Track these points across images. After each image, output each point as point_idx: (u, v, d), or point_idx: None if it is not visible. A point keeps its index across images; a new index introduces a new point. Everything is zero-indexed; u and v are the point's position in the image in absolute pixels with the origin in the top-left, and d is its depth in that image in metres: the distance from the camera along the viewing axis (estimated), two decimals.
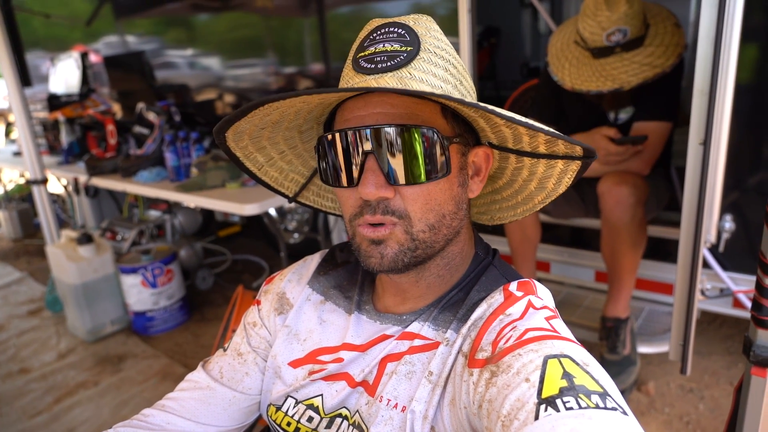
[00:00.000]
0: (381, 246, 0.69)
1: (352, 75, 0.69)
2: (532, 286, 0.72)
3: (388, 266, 0.70)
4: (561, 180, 0.77)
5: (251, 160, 0.83)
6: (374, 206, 0.68)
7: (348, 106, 0.70)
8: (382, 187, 0.66)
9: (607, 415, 0.50)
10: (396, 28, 0.69)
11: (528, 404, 0.53)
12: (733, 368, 2.30)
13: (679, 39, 1.91)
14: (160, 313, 3.04)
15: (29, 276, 4.10)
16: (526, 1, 4.32)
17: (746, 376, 1.04)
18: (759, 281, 0.99)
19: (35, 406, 2.48)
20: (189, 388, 0.88)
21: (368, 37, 0.70)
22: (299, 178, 0.89)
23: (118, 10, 4.41)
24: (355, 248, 0.73)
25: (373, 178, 0.66)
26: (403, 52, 0.67)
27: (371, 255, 0.70)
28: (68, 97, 4.19)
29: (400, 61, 0.67)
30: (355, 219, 0.70)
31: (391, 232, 0.69)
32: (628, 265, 2.03)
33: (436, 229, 0.71)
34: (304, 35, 3.35)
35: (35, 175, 3.13)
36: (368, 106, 0.68)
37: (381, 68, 0.67)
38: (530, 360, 0.57)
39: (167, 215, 3.67)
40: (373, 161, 0.67)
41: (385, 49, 0.67)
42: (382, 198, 0.67)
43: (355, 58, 0.69)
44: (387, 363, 0.74)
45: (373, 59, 0.67)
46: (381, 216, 0.68)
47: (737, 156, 1.82)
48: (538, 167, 0.76)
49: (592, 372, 0.56)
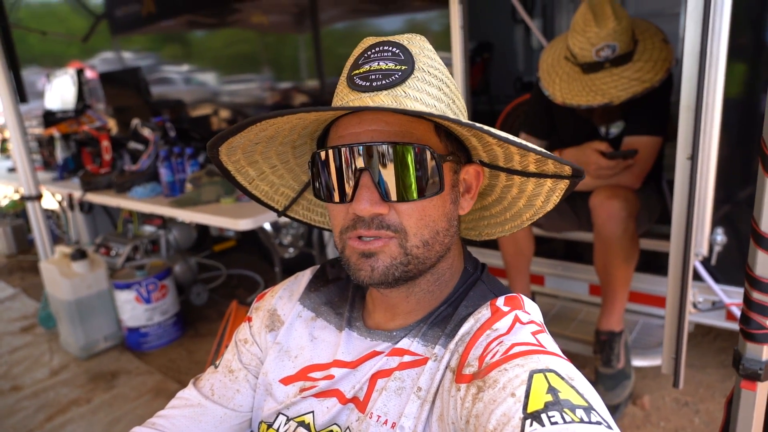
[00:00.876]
0: (372, 259, 0.69)
1: (347, 92, 0.70)
2: (519, 300, 0.73)
3: (378, 279, 0.70)
4: (549, 198, 0.78)
5: (242, 174, 0.83)
6: (368, 221, 0.68)
7: (342, 123, 0.70)
8: (376, 203, 0.67)
9: (592, 429, 0.50)
10: (390, 47, 0.70)
11: (514, 419, 0.53)
12: (727, 381, 2.30)
13: (668, 54, 1.94)
14: (154, 329, 3.02)
15: (22, 292, 4.08)
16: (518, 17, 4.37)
17: (736, 390, 1.04)
18: (747, 295, 1.00)
19: (26, 424, 2.45)
20: (180, 406, 0.87)
21: (363, 55, 0.70)
22: (289, 192, 0.90)
23: (115, 26, 4.44)
24: (345, 261, 0.73)
25: (368, 194, 0.67)
26: (397, 70, 0.68)
27: (361, 268, 0.70)
28: (64, 113, 4.20)
29: (395, 80, 0.67)
30: (347, 232, 0.70)
31: (385, 245, 0.69)
32: (621, 278, 2.04)
33: (430, 245, 0.71)
34: (299, 51, 3.38)
35: (30, 191, 3.13)
36: (363, 123, 0.68)
37: (376, 86, 0.67)
38: (516, 375, 0.58)
39: (162, 230, 3.67)
40: (368, 178, 0.67)
41: (379, 68, 0.68)
42: (376, 214, 0.68)
43: (350, 76, 0.70)
44: (377, 379, 0.74)
45: (368, 77, 0.68)
46: (375, 230, 0.68)
47: (728, 170, 1.84)
48: (527, 185, 0.78)
49: (577, 386, 0.56)
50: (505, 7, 4.36)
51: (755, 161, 1.89)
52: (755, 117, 1.84)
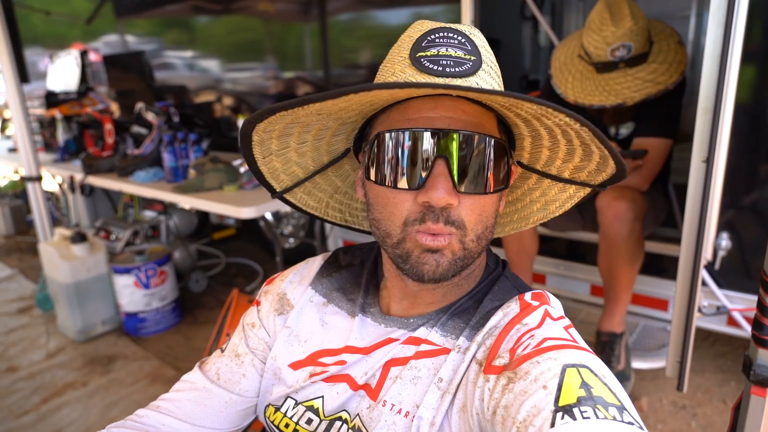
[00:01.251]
0: (437, 254, 0.67)
1: (414, 73, 0.66)
2: (545, 296, 0.72)
3: (441, 275, 0.68)
4: (564, 204, 0.78)
5: (263, 147, 0.76)
6: (438, 213, 0.65)
7: (413, 105, 0.66)
8: (451, 193, 0.64)
9: (624, 428, 0.49)
10: (456, 35, 0.67)
11: (544, 411, 0.52)
12: (725, 386, 2.31)
13: (683, 57, 1.93)
14: (152, 314, 3.01)
15: (20, 273, 4.06)
16: (527, 14, 4.34)
17: (745, 395, 1.04)
18: (761, 300, 0.99)
19: (22, 405, 2.44)
20: (185, 389, 0.86)
21: (425, 38, 0.67)
22: (299, 172, 0.83)
23: (119, 9, 4.40)
24: (402, 253, 0.69)
25: (445, 183, 0.64)
26: (468, 60, 0.65)
27: (426, 262, 0.67)
28: (66, 94, 4.17)
29: (468, 69, 0.65)
30: (414, 224, 0.66)
31: (450, 242, 0.67)
32: (624, 279, 2.04)
33: (481, 240, 0.69)
34: (304, 40, 3.35)
35: (30, 172, 3.10)
36: (438, 108, 0.65)
37: (449, 72, 0.64)
38: (548, 368, 0.57)
39: (162, 216, 3.65)
40: (444, 166, 0.64)
41: (449, 54, 0.65)
42: (449, 204, 0.65)
43: (416, 57, 0.66)
44: (391, 367, 0.73)
45: (438, 61, 0.65)
46: (443, 225, 0.65)
47: (734, 175, 1.84)
48: (551, 190, 0.77)
49: (609, 384, 0.55)
50: (514, 4, 4.34)
51: (762, 168, 1.89)
52: (763, 123, 1.83)
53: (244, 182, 2.54)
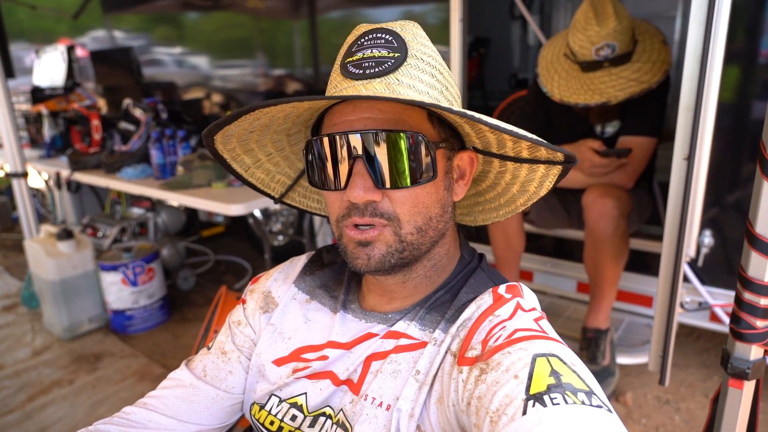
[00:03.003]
0: (368, 248, 0.70)
1: (341, 80, 0.70)
2: (519, 289, 0.74)
3: (375, 267, 0.71)
4: (542, 183, 0.79)
5: (238, 162, 0.83)
6: (362, 209, 0.69)
7: (337, 111, 0.71)
8: (369, 190, 0.68)
9: (593, 411, 0.52)
10: (383, 34, 0.70)
11: (516, 400, 0.54)
12: (708, 381, 2.34)
13: (666, 56, 1.96)
14: (140, 312, 3.00)
15: (5, 271, 4.02)
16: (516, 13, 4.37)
17: (723, 388, 1.06)
18: (738, 295, 1.01)
19: (7, 403, 2.42)
20: (172, 386, 0.87)
21: (356, 43, 0.71)
22: (285, 179, 0.90)
23: (107, 4, 4.37)
24: (342, 249, 0.74)
25: (362, 181, 0.67)
26: (390, 58, 0.68)
27: (358, 256, 0.71)
28: (52, 90, 4.13)
29: (388, 68, 0.68)
30: (343, 220, 0.72)
31: (380, 233, 0.70)
32: (609, 276, 2.06)
33: (423, 231, 0.72)
34: (294, 38, 3.35)
35: (15, 168, 3.07)
36: (357, 111, 0.69)
37: (369, 74, 0.68)
38: (519, 358, 0.59)
39: (150, 213, 3.63)
40: (362, 165, 0.68)
41: (372, 55, 0.69)
42: (369, 201, 0.69)
43: (343, 63, 0.70)
44: (372, 362, 0.75)
45: (360, 64, 0.69)
46: (369, 218, 0.69)
47: (717, 173, 1.86)
48: (520, 171, 0.78)
49: (578, 372, 0.57)
50: (503, 3, 4.36)
51: (745, 166, 1.93)
52: (746, 122, 1.86)
53: (233, 179, 2.53)
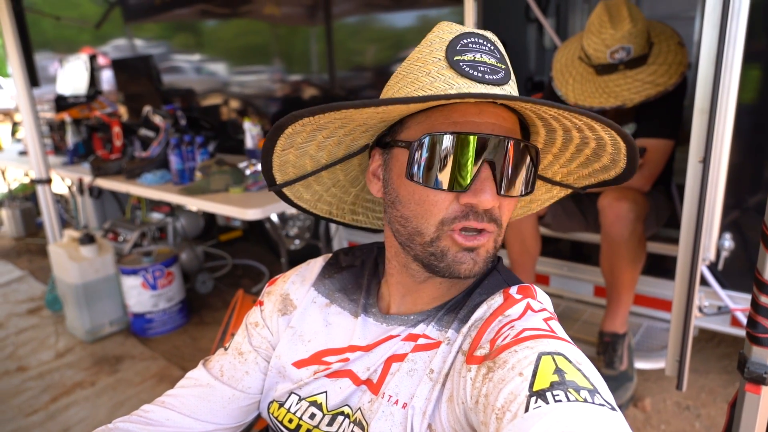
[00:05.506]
0: (474, 253, 0.70)
1: (453, 76, 0.67)
2: (531, 290, 0.74)
3: (476, 273, 0.71)
4: (544, 204, 0.83)
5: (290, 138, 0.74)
6: (482, 214, 0.68)
7: (458, 109, 0.68)
8: (495, 196, 0.67)
9: (595, 409, 0.52)
10: (485, 42, 0.69)
11: (519, 396, 0.55)
12: (729, 387, 2.30)
13: (683, 58, 1.94)
14: (159, 315, 3.04)
15: (30, 274, 4.11)
16: (531, 16, 4.35)
17: (740, 393, 1.05)
18: (755, 298, 1.00)
19: (31, 404, 2.48)
20: (189, 386, 0.88)
21: (459, 41, 0.68)
22: (309, 165, 0.82)
23: (128, 13, 4.46)
24: (437, 251, 0.70)
25: (491, 186, 0.67)
26: (501, 69, 0.68)
27: (463, 261, 0.70)
28: (75, 98, 4.22)
29: (503, 78, 0.68)
30: (452, 223, 0.69)
31: (488, 240, 0.70)
32: (627, 280, 2.04)
33: (503, 238, 0.74)
34: (310, 44, 3.38)
35: (40, 175, 3.15)
36: (483, 114, 0.67)
37: (488, 80, 0.67)
38: (525, 356, 0.59)
39: (169, 218, 3.69)
40: (490, 170, 0.67)
41: (483, 60, 0.67)
42: (493, 207, 0.69)
43: (454, 60, 0.67)
44: (392, 363, 0.75)
45: (476, 67, 0.67)
46: (487, 223, 0.69)
47: (738, 175, 1.84)
48: (538, 191, 0.82)
49: (583, 370, 0.58)
50: (518, 6, 4.35)
51: (765, 167, 1.90)
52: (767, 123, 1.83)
53: (250, 184, 2.56)
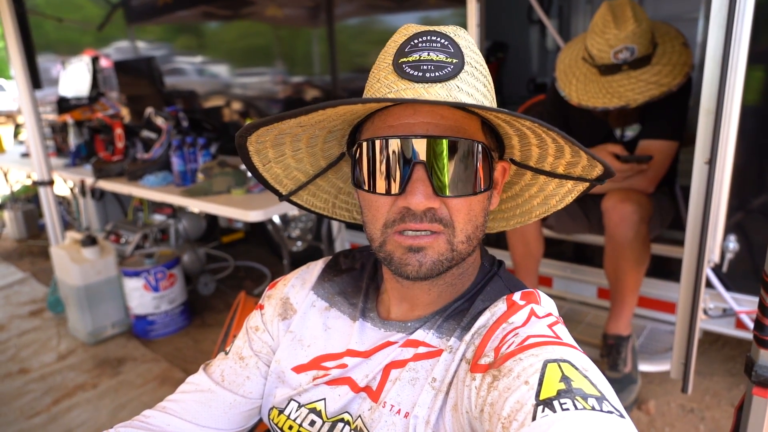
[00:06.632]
0: (419, 254, 0.68)
1: (395, 79, 0.67)
2: (535, 296, 0.73)
3: (425, 274, 0.69)
4: (564, 198, 0.79)
5: (261, 155, 0.79)
6: (420, 215, 0.67)
7: (393, 112, 0.68)
8: (430, 197, 0.66)
9: (603, 417, 0.51)
10: (438, 38, 0.67)
11: (526, 405, 0.54)
12: (734, 389, 2.29)
13: (687, 59, 1.93)
14: (161, 317, 3.04)
15: (32, 276, 4.11)
16: (534, 17, 4.35)
17: (747, 396, 1.04)
18: (762, 301, 0.99)
19: (33, 406, 2.47)
20: (190, 391, 0.87)
21: (409, 43, 0.68)
22: (301, 176, 0.86)
23: (130, 15, 4.46)
24: (385, 256, 0.71)
25: (423, 188, 0.65)
26: (449, 63, 0.66)
27: (408, 263, 0.68)
28: (77, 100, 4.22)
29: (448, 73, 0.65)
30: (393, 225, 0.68)
31: (435, 240, 0.68)
32: (630, 282, 2.03)
33: (471, 240, 0.71)
34: (312, 45, 3.38)
35: (42, 177, 3.15)
36: (418, 115, 0.66)
37: (429, 77, 0.65)
38: (530, 364, 0.58)
39: (171, 220, 3.68)
40: (422, 171, 0.65)
41: (430, 58, 0.66)
42: (429, 208, 0.67)
43: (397, 63, 0.67)
44: (391, 370, 0.74)
45: (418, 66, 0.65)
46: (428, 223, 0.67)
47: (742, 177, 1.82)
48: (549, 185, 0.78)
49: (590, 377, 0.56)
50: (521, 7, 4.34)
51: None
52: None
53: (252, 186, 2.56)
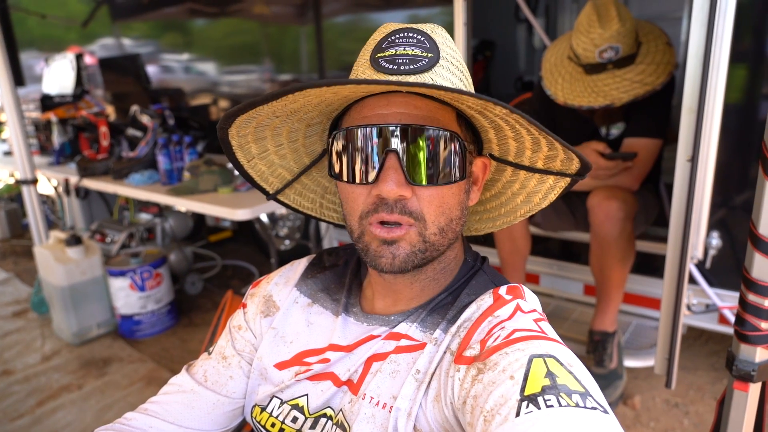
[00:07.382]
0: (393, 246, 0.69)
1: (372, 73, 0.68)
2: (520, 290, 0.73)
3: (398, 267, 0.70)
4: (547, 196, 0.79)
5: (244, 151, 0.80)
6: (391, 205, 0.68)
7: (368, 104, 0.69)
8: (402, 185, 0.66)
9: (587, 413, 0.51)
10: (415, 34, 0.69)
11: (510, 401, 0.54)
12: (717, 384, 2.32)
13: (671, 58, 1.95)
14: (148, 317, 3.02)
15: (15, 277, 4.06)
16: (521, 16, 4.37)
17: (729, 390, 1.05)
18: (742, 296, 1.01)
19: (17, 408, 2.44)
20: (172, 392, 0.87)
21: (386, 39, 0.70)
22: (286, 174, 0.87)
23: (115, 12, 4.42)
24: (363, 247, 0.72)
25: (395, 176, 0.66)
26: (424, 57, 0.68)
27: (382, 255, 0.70)
28: (61, 97, 4.18)
29: (422, 66, 0.67)
30: (368, 216, 0.69)
31: (407, 232, 0.69)
32: (616, 279, 2.05)
33: (444, 232, 0.71)
34: (300, 43, 3.37)
35: (25, 175, 3.11)
36: (391, 105, 0.68)
37: (403, 70, 0.67)
38: (516, 359, 0.58)
39: (158, 219, 3.65)
40: (395, 159, 0.67)
41: (405, 53, 0.68)
42: (401, 197, 0.67)
43: (374, 58, 0.69)
44: (372, 362, 0.75)
45: (394, 60, 0.67)
46: (398, 215, 0.68)
47: (725, 174, 1.85)
48: (530, 182, 0.79)
49: (575, 373, 0.57)
50: (508, 6, 4.36)
51: (753, 167, 1.91)
52: (754, 123, 1.85)
53: (239, 184, 2.55)
